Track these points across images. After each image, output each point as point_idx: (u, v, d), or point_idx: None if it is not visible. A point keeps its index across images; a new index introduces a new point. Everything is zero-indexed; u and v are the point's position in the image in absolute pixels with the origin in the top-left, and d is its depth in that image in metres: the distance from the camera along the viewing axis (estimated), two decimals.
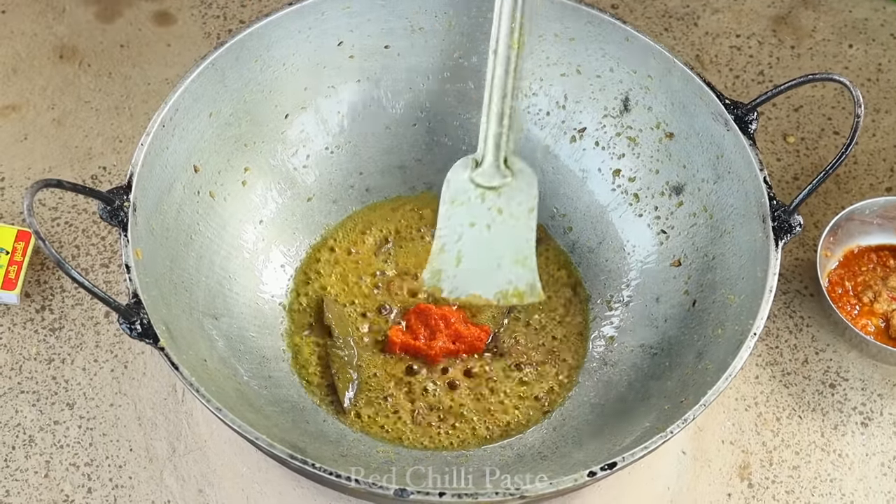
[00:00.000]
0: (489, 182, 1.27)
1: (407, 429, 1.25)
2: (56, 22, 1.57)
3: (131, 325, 1.06)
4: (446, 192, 1.28)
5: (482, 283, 1.30)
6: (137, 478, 1.26)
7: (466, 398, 1.27)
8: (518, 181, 1.28)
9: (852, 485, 1.29)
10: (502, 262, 1.29)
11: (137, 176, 1.14)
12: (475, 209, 1.28)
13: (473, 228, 1.28)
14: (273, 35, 1.28)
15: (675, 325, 1.26)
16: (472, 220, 1.28)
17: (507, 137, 1.27)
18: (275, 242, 1.33)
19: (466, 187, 1.28)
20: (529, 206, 1.28)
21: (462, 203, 1.28)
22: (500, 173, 1.27)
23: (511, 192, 1.28)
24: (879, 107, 1.56)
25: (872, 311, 1.37)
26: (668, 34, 1.61)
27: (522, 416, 1.27)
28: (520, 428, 1.26)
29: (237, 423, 1.04)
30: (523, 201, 1.28)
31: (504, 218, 1.28)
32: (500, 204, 1.28)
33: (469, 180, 1.28)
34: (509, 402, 1.27)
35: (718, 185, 1.25)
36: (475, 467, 1.20)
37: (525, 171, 1.28)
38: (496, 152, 1.27)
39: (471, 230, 1.28)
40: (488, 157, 1.27)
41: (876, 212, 1.40)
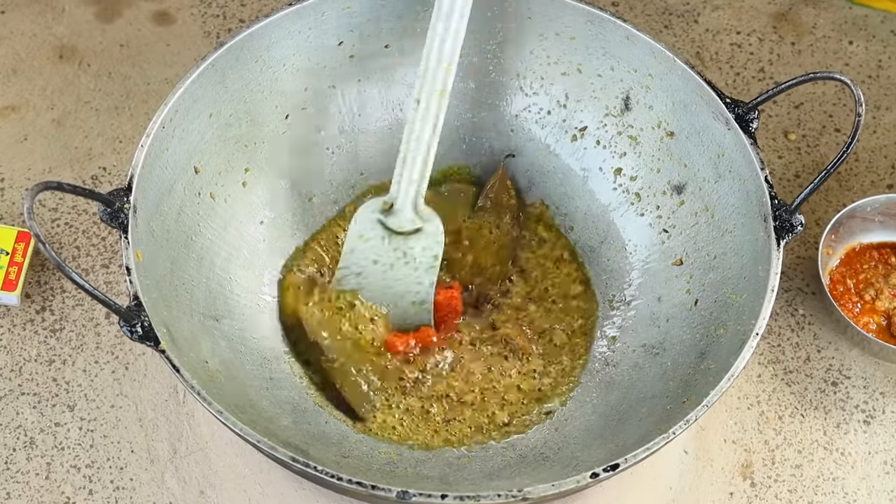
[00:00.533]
0: (399, 227, 1.28)
1: (409, 431, 1.25)
2: (55, 22, 1.57)
3: (132, 327, 1.06)
4: (353, 227, 1.28)
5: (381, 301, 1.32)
6: (139, 479, 1.26)
7: (468, 398, 1.27)
8: (427, 229, 1.28)
9: (855, 483, 1.29)
10: (399, 301, 1.30)
11: (137, 178, 1.14)
12: (380, 248, 1.29)
13: (376, 266, 1.29)
14: (273, 35, 1.27)
15: (678, 324, 1.26)
16: (375, 258, 1.29)
17: (423, 187, 1.27)
18: (276, 243, 1.32)
19: (374, 227, 1.28)
20: (434, 254, 1.29)
21: (368, 240, 1.28)
22: (410, 220, 1.27)
23: (418, 238, 1.28)
24: (880, 104, 1.55)
25: (874, 308, 1.37)
26: (668, 31, 1.61)
27: (525, 417, 1.26)
28: (521, 428, 1.25)
29: (238, 427, 1.04)
30: (428, 248, 1.29)
31: (408, 261, 1.29)
32: (404, 248, 1.28)
33: (378, 222, 1.28)
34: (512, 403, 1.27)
35: (719, 185, 1.25)
36: (477, 469, 1.20)
37: (433, 219, 1.28)
38: (411, 200, 1.27)
39: (373, 266, 1.29)
40: (402, 202, 1.27)
41: (877, 209, 1.39)
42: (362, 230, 1.28)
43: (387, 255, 1.28)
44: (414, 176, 1.26)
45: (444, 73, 1.24)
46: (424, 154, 1.25)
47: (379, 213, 1.27)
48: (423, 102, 1.24)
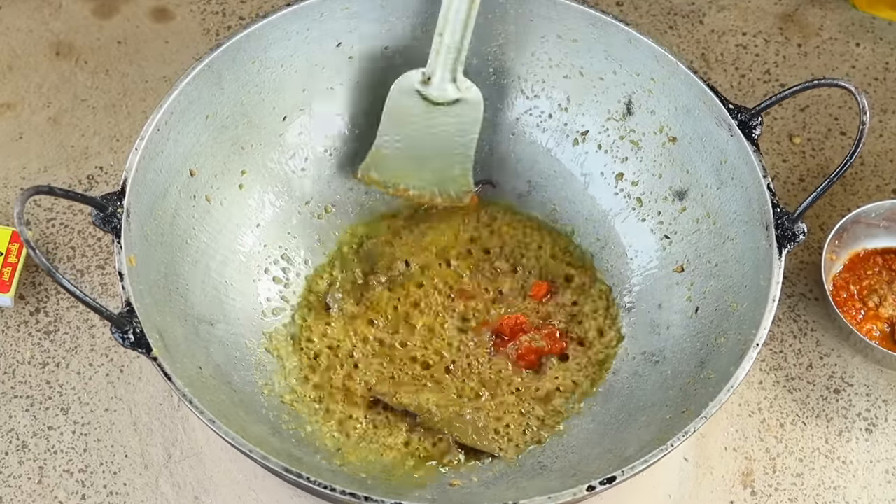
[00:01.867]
0: (438, 97, 1.28)
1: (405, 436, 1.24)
2: (52, 18, 1.56)
3: (124, 334, 1.05)
4: (392, 99, 1.29)
5: (416, 180, 1.33)
6: (132, 484, 1.25)
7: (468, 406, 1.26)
8: (466, 98, 1.29)
9: (856, 492, 1.28)
10: (440, 168, 1.32)
11: (131, 181, 1.13)
12: (419, 119, 1.29)
13: (416, 135, 1.30)
14: (271, 36, 1.26)
15: (678, 332, 1.25)
16: (414, 128, 1.30)
17: (462, 56, 1.27)
18: (272, 247, 1.31)
19: (413, 97, 1.29)
20: (475, 119, 1.30)
21: (407, 108, 1.29)
22: (449, 89, 1.28)
23: (457, 108, 1.29)
24: (887, 107, 1.54)
25: (878, 315, 1.36)
26: (672, 32, 1.59)
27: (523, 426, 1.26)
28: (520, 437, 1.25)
29: (231, 436, 1.03)
30: (468, 117, 1.30)
31: (448, 130, 1.30)
32: (444, 118, 1.29)
33: (416, 92, 1.28)
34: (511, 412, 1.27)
35: (722, 191, 1.24)
36: (474, 478, 1.19)
37: (473, 89, 1.29)
38: (450, 69, 1.28)
39: (412, 136, 1.30)
40: (440, 73, 1.28)
41: (882, 214, 1.38)
42: (400, 101, 1.28)
43: (426, 125, 1.29)
44: (453, 45, 1.26)
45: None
46: (464, 21, 1.25)
47: (418, 84, 1.28)
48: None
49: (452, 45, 1.27)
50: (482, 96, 1.30)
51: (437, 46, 1.27)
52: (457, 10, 1.25)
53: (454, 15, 1.25)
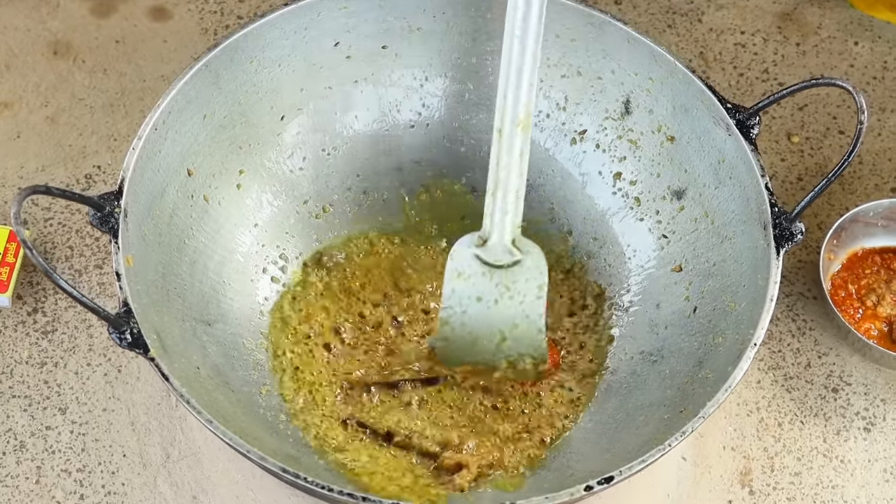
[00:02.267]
0: (496, 261, 1.22)
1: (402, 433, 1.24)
2: (50, 17, 1.56)
3: (121, 334, 1.05)
4: (451, 266, 1.24)
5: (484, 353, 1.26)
6: (130, 484, 1.25)
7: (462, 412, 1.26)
8: (527, 260, 1.23)
9: (854, 492, 1.28)
10: (508, 336, 1.25)
11: (129, 181, 1.12)
12: (481, 285, 1.23)
13: (480, 303, 1.24)
14: (268, 36, 1.26)
15: (676, 332, 1.24)
16: (478, 294, 1.23)
17: (518, 218, 1.22)
18: (270, 246, 1.31)
19: (472, 263, 1.23)
20: (539, 284, 1.23)
21: (468, 277, 1.23)
22: (507, 252, 1.22)
23: (519, 271, 1.23)
24: (885, 106, 1.54)
25: (876, 314, 1.36)
26: (671, 31, 1.59)
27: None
28: None
29: (228, 436, 1.03)
30: (532, 279, 1.23)
31: (512, 295, 1.23)
32: (507, 282, 1.23)
33: (475, 257, 1.23)
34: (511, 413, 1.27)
35: (720, 191, 1.24)
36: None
37: (533, 250, 1.23)
38: (508, 233, 1.22)
39: (477, 304, 1.24)
40: (495, 236, 1.22)
41: (880, 213, 1.38)
42: (461, 268, 1.23)
43: (490, 291, 1.23)
44: (508, 208, 1.21)
45: (524, 105, 1.20)
46: (516, 185, 1.21)
47: (475, 248, 1.23)
48: (506, 133, 1.20)
49: (506, 208, 1.21)
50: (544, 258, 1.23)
51: (489, 209, 1.22)
52: (505, 174, 1.21)
53: (503, 178, 1.21)
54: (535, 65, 1.19)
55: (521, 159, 1.21)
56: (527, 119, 1.20)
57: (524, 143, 1.21)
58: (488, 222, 1.22)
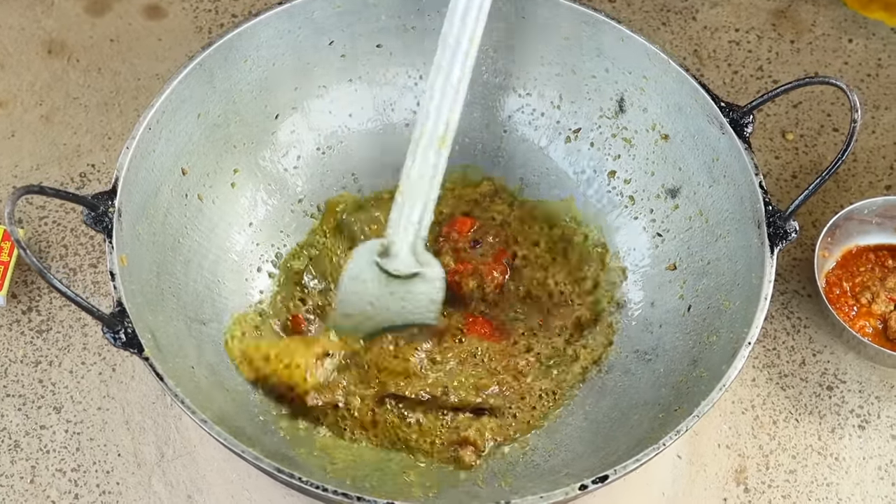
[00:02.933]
0: (396, 270, 1.24)
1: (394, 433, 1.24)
2: (44, 16, 1.55)
3: (115, 333, 1.05)
4: (349, 268, 1.25)
5: None
6: (125, 483, 1.25)
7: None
8: (426, 274, 1.25)
9: (849, 489, 1.28)
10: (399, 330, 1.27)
11: (123, 180, 1.12)
12: (377, 290, 1.25)
13: (372, 308, 1.25)
14: (262, 34, 1.26)
15: (670, 330, 1.25)
16: (371, 300, 1.25)
17: (423, 231, 1.23)
18: (264, 245, 1.31)
19: (371, 269, 1.24)
20: (432, 299, 1.26)
21: (364, 282, 1.24)
22: (408, 263, 1.24)
23: (416, 282, 1.25)
24: (879, 103, 1.54)
25: (870, 312, 1.36)
26: (665, 28, 1.59)
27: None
28: None
29: (223, 436, 1.03)
30: (426, 293, 1.25)
31: (405, 304, 1.25)
32: (402, 292, 1.25)
33: (374, 264, 1.24)
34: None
35: (714, 189, 1.24)
36: (465, 477, 1.19)
37: (433, 264, 1.25)
38: (409, 244, 1.23)
39: (369, 308, 1.25)
40: (399, 245, 1.23)
41: (875, 211, 1.38)
42: (358, 272, 1.25)
43: (383, 298, 1.25)
44: (413, 218, 1.22)
45: (444, 122, 1.21)
46: (424, 197, 1.22)
47: (376, 255, 1.23)
48: (423, 146, 1.21)
49: (412, 219, 1.23)
50: (443, 273, 1.26)
51: (395, 218, 1.23)
52: (415, 187, 1.22)
53: (413, 190, 1.22)
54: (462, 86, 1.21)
55: (435, 173, 1.22)
56: (446, 136, 1.21)
57: (440, 159, 1.21)
58: (392, 231, 1.23)
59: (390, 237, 1.23)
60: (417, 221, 1.23)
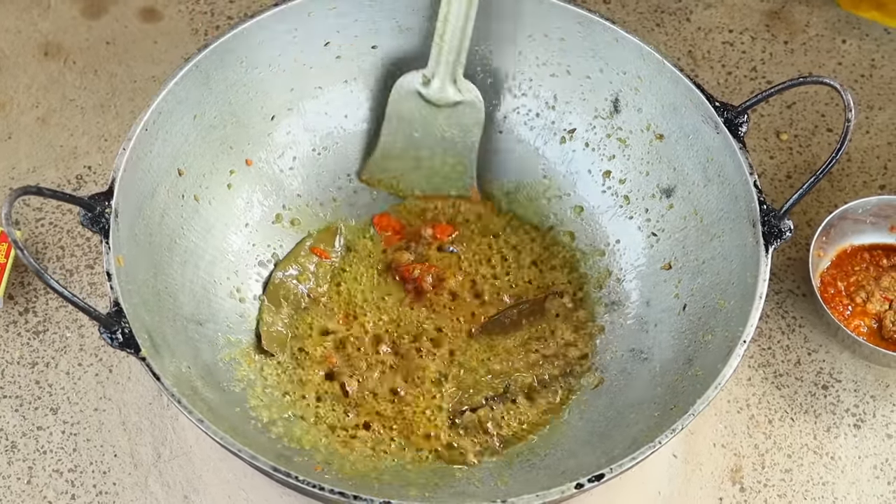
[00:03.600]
0: (438, 100, 1.28)
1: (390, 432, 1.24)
2: (41, 18, 1.56)
3: (112, 334, 1.05)
4: (393, 99, 1.29)
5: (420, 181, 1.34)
6: (122, 484, 1.25)
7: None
8: (466, 99, 1.29)
9: (845, 488, 1.28)
10: (443, 169, 1.32)
11: (119, 181, 1.13)
12: (420, 120, 1.29)
13: (418, 135, 1.30)
14: (258, 36, 1.26)
15: (666, 329, 1.25)
16: (415, 129, 1.29)
17: (463, 58, 1.27)
18: (260, 246, 1.31)
19: (414, 98, 1.28)
20: (476, 121, 1.30)
21: (408, 111, 1.29)
22: (450, 91, 1.28)
23: (459, 110, 1.29)
24: (873, 103, 1.54)
25: (865, 311, 1.36)
26: (660, 29, 1.59)
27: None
28: None
29: (219, 435, 1.03)
30: (469, 117, 1.30)
31: (451, 131, 1.29)
32: (445, 120, 1.29)
33: (417, 94, 1.28)
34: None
35: (708, 188, 1.24)
36: (461, 476, 1.19)
37: (473, 91, 1.29)
38: (449, 72, 1.28)
39: (414, 138, 1.30)
40: (440, 75, 1.28)
41: (869, 210, 1.39)
42: (401, 103, 1.28)
43: (427, 126, 1.29)
44: (453, 46, 1.26)
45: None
46: (462, 25, 1.26)
47: (418, 86, 1.28)
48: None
49: (452, 48, 1.27)
50: (482, 100, 1.30)
51: (436, 49, 1.28)
52: (456, 14, 1.25)
53: (454, 19, 1.26)
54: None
55: (470, 4, 1.25)
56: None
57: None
58: (433, 63, 1.27)
59: (432, 69, 1.28)
60: (457, 50, 1.27)
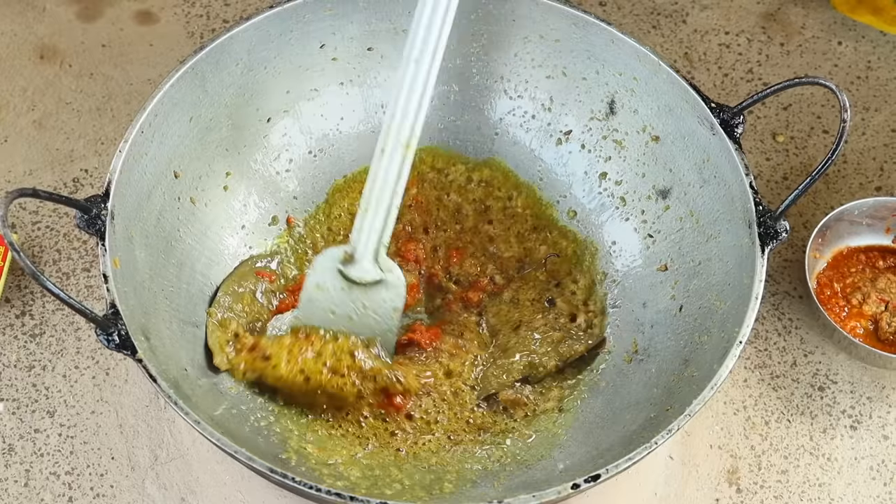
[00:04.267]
0: (359, 277, 1.23)
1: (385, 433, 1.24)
2: (36, 21, 1.56)
3: (109, 336, 1.05)
4: (311, 276, 1.24)
5: None
6: (119, 486, 1.25)
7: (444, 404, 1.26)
8: (388, 280, 1.24)
9: (841, 489, 1.28)
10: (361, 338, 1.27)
11: (116, 183, 1.13)
12: (338, 299, 1.24)
13: (333, 317, 1.25)
14: (254, 38, 1.26)
15: (662, 330, 1.25)
16: (333, 308, 1.25)
17: (386, 237, 1.23)
18: (257, 248, 1.31)
19: (333, 277, 1.24)
20: (394, 306, 1.25)
21: (325, 290, 1.24)
22: (371, 270, 1.23)
23: (378, 290, 1.24)
24: (869, 105, 1.54)
25: (861, 313, 1.36)
26: (656, 31, 1.60)
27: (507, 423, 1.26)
28: None
29: (216, 437, 1.03)
30: (389, 300, 1.25)
31: (368, 313, 1.25)
32: (364, 299, 1.25)
33: (337, 271, 1.23)
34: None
35: (704, 190, 1.24)
36: (456, 477, 1.19)
37: (395, 271, 1.24)
38: (373, 249, 1.23)
39: (331, 317, 1.25)
40: (362, 252, 1.23)
41: (865, 212, 1.39)
42: (320, 280, 1.24)
43: (345, 306, 1.25)
44: (376, 226, 1.22)
45: (410, 126, 1.20)
46: (388, 203, 1.21)
47: (339, 263, 1.23)
48: (388, 152, 1.20)
49: (375, 226, 1.22)
50: (404, 280, 1.25)
51: (358, 225, 1.22)
52: (379, 194, 1.21)
53: (377, 197, 1.21)
54: (428, 89, 1.19)
55: (399, 179, 1.21)
56: (411, 140, 1.20)
57: (405, 163, 1.20)
58: (355, 238, 1.22)
59: (353, 244, 1.23)
60: (381, 229, 1.22)
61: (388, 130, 1.20)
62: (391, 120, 1.20)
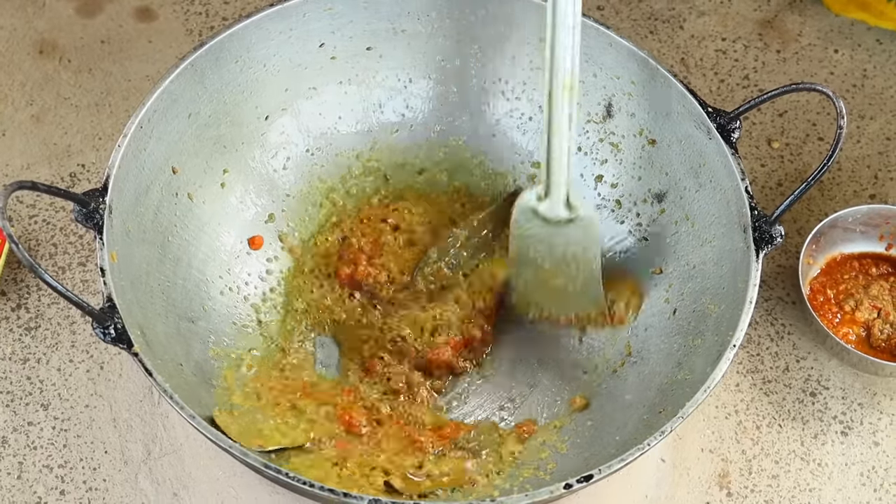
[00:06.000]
0: (554, 217, 1.25)
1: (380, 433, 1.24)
2: (36, 16, 1.56)
3: (105, 329, 1.05)
4: (514, 222, 1.27)
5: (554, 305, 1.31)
6: (112, 480, 1.25)
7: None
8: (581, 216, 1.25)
9: (831, 494, 1.29)
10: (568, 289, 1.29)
11: (114, 178, 1.13)
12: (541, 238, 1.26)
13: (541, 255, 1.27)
14: (254, 36, 1.27)
15: (656, 333, 1.25)
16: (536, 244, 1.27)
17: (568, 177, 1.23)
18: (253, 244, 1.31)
19: (533, 217, 1.26)
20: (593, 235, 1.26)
21: (528, 229, 1.26)
22: (563, 209, 1.24)
23: (575, 226, 1.25)
24: (864, 113, 1.55)
25: (854, 319, 1.37)
26: (653, 37, 1.60)
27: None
28: None
29: (210, 432, 1.03)
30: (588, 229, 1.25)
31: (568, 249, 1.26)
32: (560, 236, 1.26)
33: (532, 210, 1.25)
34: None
35: (700, 194, 1.25)
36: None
37: (585, 205, 1.25)
38: (560, 192, 1.23)
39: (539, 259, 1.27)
40: (553, 195, 1.24)
41: (859, 219, 1.39)
42: (521, 220, 1.26)
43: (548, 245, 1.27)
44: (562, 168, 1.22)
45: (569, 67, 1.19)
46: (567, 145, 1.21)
47: (534, 203, 1.25)
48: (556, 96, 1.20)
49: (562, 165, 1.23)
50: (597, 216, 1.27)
51: (543, 173, 1.24)
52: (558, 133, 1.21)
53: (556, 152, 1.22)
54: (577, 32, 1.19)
55: (570, 122, 1.21)
56: (573, 81, 1.19)
57: (571, 105, 1.20)
58: (545, 180, 1.23)
59: (544, 187, 1.24)
60: (565, 169, 1.23)
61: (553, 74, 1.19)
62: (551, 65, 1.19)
